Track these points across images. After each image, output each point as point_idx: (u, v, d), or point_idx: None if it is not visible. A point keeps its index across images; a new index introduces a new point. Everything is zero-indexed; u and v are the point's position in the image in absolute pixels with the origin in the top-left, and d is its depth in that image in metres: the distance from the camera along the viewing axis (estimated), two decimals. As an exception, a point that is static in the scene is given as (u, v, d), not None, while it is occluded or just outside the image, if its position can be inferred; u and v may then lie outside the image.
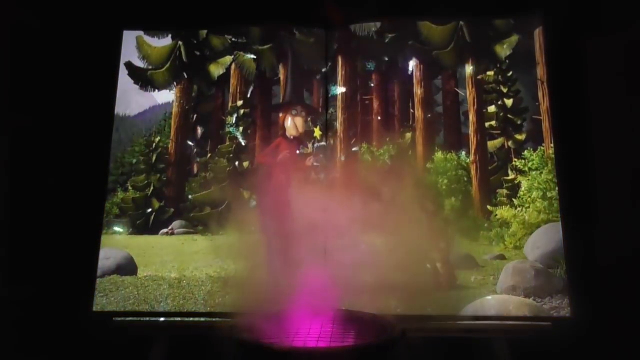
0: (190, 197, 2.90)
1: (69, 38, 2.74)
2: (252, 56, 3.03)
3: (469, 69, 2.92)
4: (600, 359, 2.30)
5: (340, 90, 2.94)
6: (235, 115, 3.01)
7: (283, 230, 2.09)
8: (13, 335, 2.34)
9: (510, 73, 2.90)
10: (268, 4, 2.87)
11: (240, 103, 3.03)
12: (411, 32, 2.96)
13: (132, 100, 3.06)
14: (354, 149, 2.89)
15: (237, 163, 2.96)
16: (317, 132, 2.88)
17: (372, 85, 3.01)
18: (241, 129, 2.99)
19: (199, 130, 3.07)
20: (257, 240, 2.25)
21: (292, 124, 2.88)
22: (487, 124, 2.90)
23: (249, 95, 3.05)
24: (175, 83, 3.05)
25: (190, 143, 3.03)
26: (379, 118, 2.97)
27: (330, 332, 1.72)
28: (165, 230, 2.88)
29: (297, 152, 2.87)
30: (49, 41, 2.68)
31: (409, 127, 2.93)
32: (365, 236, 2.01)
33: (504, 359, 2.33)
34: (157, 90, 3.06)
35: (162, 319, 2.57)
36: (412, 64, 2.98)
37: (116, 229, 2.85)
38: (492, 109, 2.92)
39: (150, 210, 2.92)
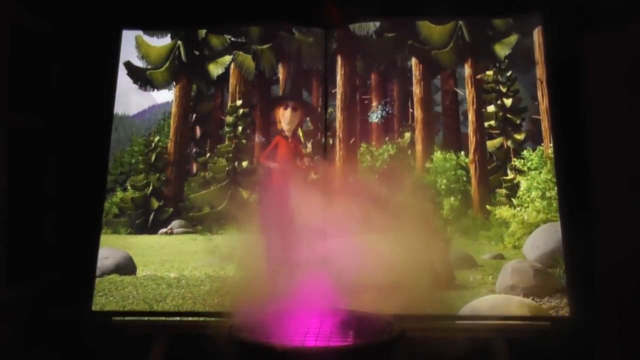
0: (189, 196, 2.90)
1: (68, 37, 2.74)
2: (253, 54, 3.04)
3: (468, 68, 2.92)
4: (598, 358, 2.31)
5: (339, 89, 2.94)
6: (235, 115, 3.01)
7: (282, 229, 2.09)
8: (12, 335, 2.33)
9: (509, 72, 2.90)
10: (267, 3, 2.87)
11: (239, 102, 3.03)
12: (410, 32, 2.96)
13: (131, 99, 3.06)
14: (352, 149, 2.88)
15: (236, 163, 2.96)
16: (300, 131, 2.89)
17: (371, 84, 3.01)
18: (240, 128, 2.99)
19: (198, 130, 3.07)
20: (256, 239, 2.25)
21: (282, 118, 2.90)
22: (486, 124, 2.90)
23: (248, 95, 3.04)
24: (174, 82, 3.05)
25: (189, 142, 3.03)
26: (378, 117, 2.97)
27: (329, 332, 1.72)
28: (164, 230, 2.88)
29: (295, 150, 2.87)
30: (48, 40, 2.67)
31: (408, 126, 2.93)
32: (364, 236, 2.01)
33: (503, 359, 2.33)
34: (156, 90, 3.06)
35: (161, 318, 2.56)
36: (411, 64, 2.98)
37: (115, 228, 2.85)
38: (491, 108, 2.92)
39: (149, 209, 2.92)
